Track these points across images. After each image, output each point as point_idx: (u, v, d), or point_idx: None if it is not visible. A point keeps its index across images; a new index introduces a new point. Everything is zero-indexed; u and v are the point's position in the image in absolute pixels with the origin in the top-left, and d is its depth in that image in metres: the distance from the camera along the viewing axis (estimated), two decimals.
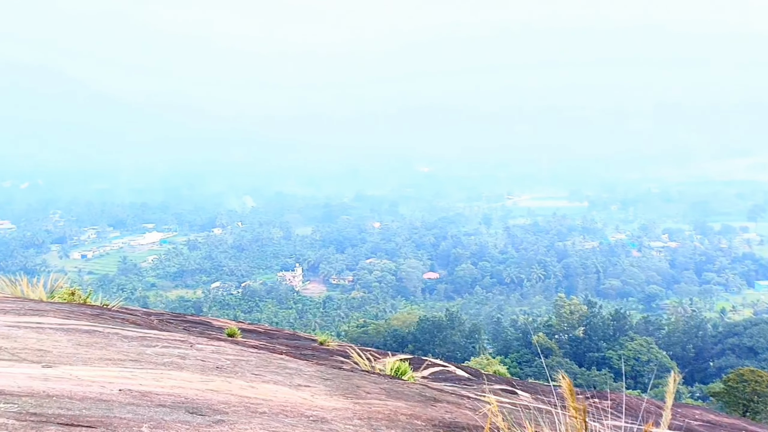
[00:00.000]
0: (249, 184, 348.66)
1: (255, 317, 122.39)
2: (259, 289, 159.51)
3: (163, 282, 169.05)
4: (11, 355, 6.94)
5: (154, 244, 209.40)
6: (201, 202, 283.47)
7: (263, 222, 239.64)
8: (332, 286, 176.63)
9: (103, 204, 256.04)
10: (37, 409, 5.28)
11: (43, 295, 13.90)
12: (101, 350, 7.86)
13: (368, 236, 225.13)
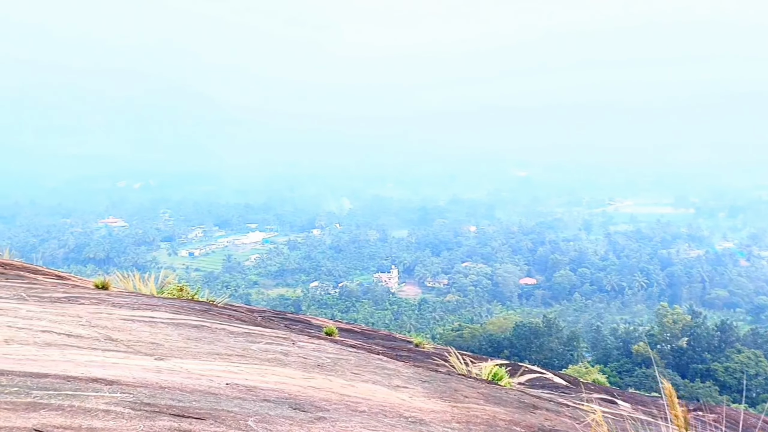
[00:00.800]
0: (347, 187, 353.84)
1: (351, 317, 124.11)
2: (356, 289, 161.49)
3: (264, 280, 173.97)
4: (126, 347, 7.34)
5: (256, 244, 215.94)
6: (301, 204, 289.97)
7: (360, 224, 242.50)
8: (427, 289, 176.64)
9: (209, 204, 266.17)
10: (151, 399, 5.57)
11: (153, 291, 14.59)
12: (209, 345, 8.18)
13: (464, 240, 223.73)
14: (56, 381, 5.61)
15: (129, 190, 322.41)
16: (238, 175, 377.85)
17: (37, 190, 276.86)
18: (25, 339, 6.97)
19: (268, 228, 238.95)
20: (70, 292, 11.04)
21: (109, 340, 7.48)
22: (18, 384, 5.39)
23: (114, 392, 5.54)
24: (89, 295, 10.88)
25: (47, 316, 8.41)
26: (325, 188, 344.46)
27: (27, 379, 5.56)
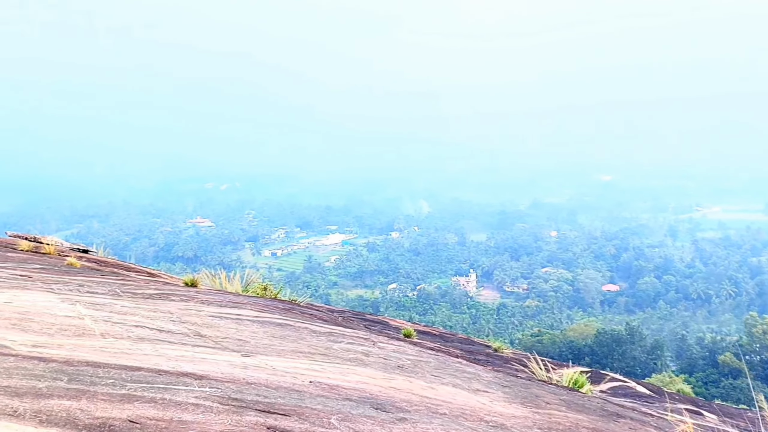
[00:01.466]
0: (426, 190, 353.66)
1: (429, 320, 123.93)
2: (434, 292, 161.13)
3: (344, 281, 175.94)
4: (215, 343, 7.56)
5: (336, 245, 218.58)
6: (380, 207, 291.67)
7: (439, 227, 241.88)
8: (506, 294, 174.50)
9: (292, 206, 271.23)
10: (238, 395, 5.73)
11: (239, 289, 14.99)
12: (293, 343, 8.35)
13: (544, 245, 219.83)
14: (149, 374, 5.84)
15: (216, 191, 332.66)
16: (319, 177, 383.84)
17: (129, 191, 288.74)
18: (119, 333, 7.29)
19: (347, 230, 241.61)
20: (161, 289, 11.47)
21: (198, 336, 7.73)
22: (114, 376, 5.64)
23: (203, 387, 5.73)
24: (179, 293, 11.27)
25: (140, 311, 8.77)
26: (404, 191, 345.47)
27: (122, 371, 5.81)
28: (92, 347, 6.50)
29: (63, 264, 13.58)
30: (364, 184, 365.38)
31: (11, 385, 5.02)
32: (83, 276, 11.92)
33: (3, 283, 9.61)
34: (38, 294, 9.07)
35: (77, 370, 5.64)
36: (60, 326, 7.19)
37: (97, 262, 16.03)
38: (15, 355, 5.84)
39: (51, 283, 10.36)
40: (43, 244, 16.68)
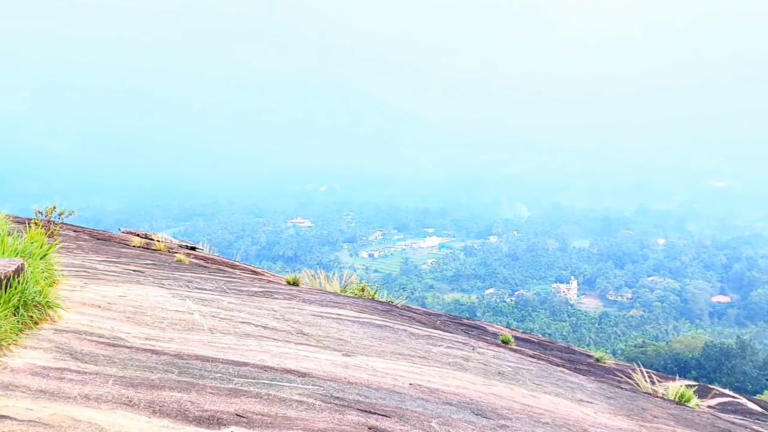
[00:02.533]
0: (525, 194, 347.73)
1: (527, 326, 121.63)
2: (532, 298, 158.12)
3: (440, 284, 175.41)
4: (317, 342, 7.68)
5: (433, 248, 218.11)
6: (478, 210, 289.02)
7: (539, 232, 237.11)
8: (609, 302, 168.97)
9: (389, 208, 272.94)
10: (340, 393, 5.78)
11: (337, 289, 15.19)
12: (392, 345, 8.36)
13: (650, 253, 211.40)
14: (254, 370, 5.99)
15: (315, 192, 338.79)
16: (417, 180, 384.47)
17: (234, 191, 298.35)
18: (226, 329, 7.51)
19: (445, 233, 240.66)
20: (265, 287, 11.77)
21: (301, 334, 7.88)
22: (221, 371, 5.81)
23: (306, 384, 5.82)
24: (282, 291, 11.53)
25: (246, 308, 9.01)
26: (503, 195, 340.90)
27: (229, 366, 5.98)
28: (201, 342, 6.73)
29: (172, 260, 14.15)
30: (462, 187, 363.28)
31: (126, 376, 5.25)
32: (192, 273, 12.38)
33: (117, 277, 10.11)
34: (150, 289, 9.48)
35: (187, 364, 5.85)
36: (171, 320, 7.48)
37: (203, 259, 16.62)
38: (130, 347, 6.12)
39: (162, 278, 10.81)
40: (153, 241, 17.42)
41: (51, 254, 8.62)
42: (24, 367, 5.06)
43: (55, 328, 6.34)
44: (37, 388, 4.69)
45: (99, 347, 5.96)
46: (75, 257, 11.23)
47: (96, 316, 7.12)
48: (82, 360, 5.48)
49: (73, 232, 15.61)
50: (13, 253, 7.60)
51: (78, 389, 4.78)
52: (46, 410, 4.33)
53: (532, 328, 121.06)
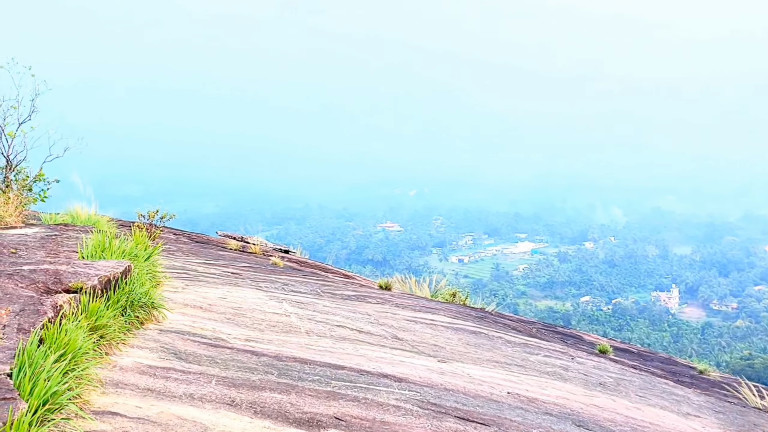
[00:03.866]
0: (622, 198, 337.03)
1: (625, 336, 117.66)
2: (630, 307, 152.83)
3: (532, 291, 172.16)
4: (411, 347, 7.62)
5: (525, 254, 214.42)
6: (573, 215, 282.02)
7: (637, 238, 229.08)
8: (712, 312, 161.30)
9: (479, 212, 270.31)
10: (436, 400, 5.70)
11: (428, 294, 15.10)
12: (488, 352, 8.21)
13: (758, 260, 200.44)
14: (351, 374, 5.99)
15: (405, 196, 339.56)
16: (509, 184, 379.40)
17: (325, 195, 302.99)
18: (322, 332, 7.57)
19: (537, 238, 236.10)
20: (358, 291, 11.83)
21: (395, 339, 7.84)
22: (319, 373, 5.85)
23: (403, 389, 5.77)
24: (375, 295, 11.56)
25: (340, 311, 9.07)
26: (599, 199, 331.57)
27: (326, 369, 6.01)
28: (298, 344, 6.80)
29: (268, 263, 14.45)
30: (555, 191, 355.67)
31: (228, 376, 5.36)
32: (287, 275, 12.60)
33: (217, 279, 10.38)
34: (248, 291, 9.69)
35: (286, 365, 5.92)
36: (269, 322, 7.61)
37: (297, 262, 16.90)
38: (231, 348, 6.25)
39: (259, 281, 11.04)
40: (249, 244, 17.85)
41: (154, 256, 8.95)
42: (132, 366, 5.24)
43: (160, 328, 6.55)
44: (145, 386, 4.84)
45: (201, 347, 6.11)
46: (176, 259, 11.63)
47: (198, 317, 7.32)
48: (185, 360, 5.63)
49: (173, 235, 16.18)
50: (120, 256, 7.92)
51: (183, 388, 4.90)
52: (153, 408, 4.45)
53: (631, 337, 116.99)
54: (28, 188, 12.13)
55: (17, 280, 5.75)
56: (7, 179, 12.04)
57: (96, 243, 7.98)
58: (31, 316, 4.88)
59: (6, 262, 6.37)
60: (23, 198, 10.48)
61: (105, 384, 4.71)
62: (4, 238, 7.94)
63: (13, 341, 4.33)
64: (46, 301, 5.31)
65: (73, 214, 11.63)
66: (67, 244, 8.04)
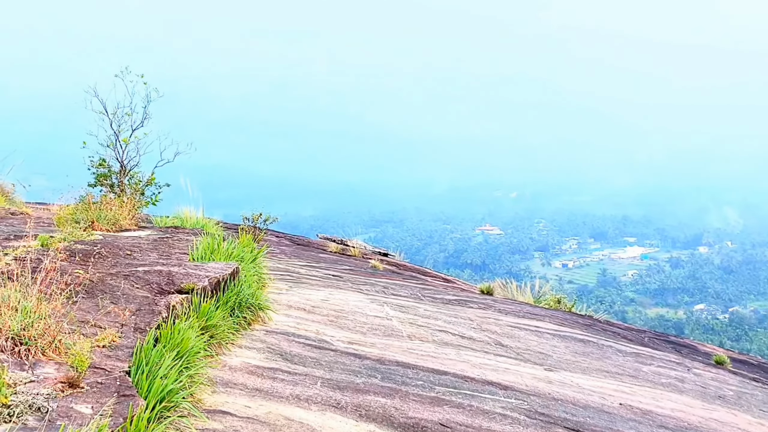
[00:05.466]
0: (741, 201, 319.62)
1: (743, 347, 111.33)
2: (749, 316, 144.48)
3: (642, 298, 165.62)
4: (516, 354, 7.45)
5: (634, 259, 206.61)
6: (685, 218, 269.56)
7: (757, 243, 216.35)
8: None
9: (584, 215, 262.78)
10: (544, 409, 5.53)
11: (530, 299, 14.75)
12: (597, 361, 7.92)
13: None
14: (455, 380, 5.90)
15: (505, 199, 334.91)
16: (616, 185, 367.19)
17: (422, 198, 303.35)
18: (424, 336, 7.52)
19: (647, 242, 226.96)
20: (459, 296, 11.71)
21: (499, 346, 7.69)
22: (422, 378, 5.79)
23: (509, 397, 5.63)
24: (476, 300, 11.40)
25: (441, 316, 8.99)
26: (714, 201, 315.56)
27: (429, 374, 5.95)
28: (401, 348, 6.77)
29: (368, 266, 14.53)
30: (666, 193, 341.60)
31: (333, 378, 5.39)
32: (387, 279, 12.64)
33: (319, 281, 10.53)
34: (350, 294, 9.77)
35: (389, 369, 5.90)
36: (371, 325, 7.63)
37: (396, 265, 16.92)
38: (334, 350, 6.30)
39: (359, 283, 11.13)
40: (349, 247, 18.02)
41: (259, 259, 9.17)
42: (240, 366, 5.36)
43: (266, 329, 6.68)
44: (253, 386, 4.93)
45: (306, 349, 6.19)
46: (279, 261, 11.88)
47: (301, 319, 7.43)
48: (291, 361, 5.71)
49: (275, 237, 16.55)
50: (227, 258, 8.16)
51: (290, 389, 4.97)
52: (262, 408, 4.53)
53: (750, 348, 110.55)
54: (141, 192, 12.71)
55: (133, 281, 6.01)
56: (121, 184, 12.68)
57: (205, 245, 8.26)
58: (147, 316, 5.08)
59: (122, 264, 6.67)
60: (136, 201, 10.94)
61: (215, 383, 4.84)
62: (119, 240, 8.33)
63: (131, 340, 4.51)
64: (159, 301, 5.52)
65: (182, 217, 12.07)
66: (178, 246, 8.34)
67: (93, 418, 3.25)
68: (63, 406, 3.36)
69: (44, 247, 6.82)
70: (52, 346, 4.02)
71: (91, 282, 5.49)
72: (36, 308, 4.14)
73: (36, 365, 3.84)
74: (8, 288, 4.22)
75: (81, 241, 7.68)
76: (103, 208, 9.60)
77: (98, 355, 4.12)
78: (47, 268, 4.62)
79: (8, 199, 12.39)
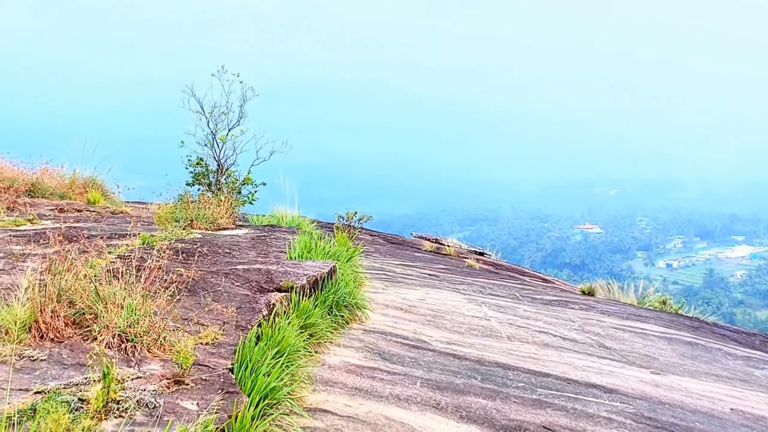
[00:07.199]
0: None
1: None
2: None
3: (751, 300, 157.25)
4: (621, 357, 7.18)
5: (743, 258, 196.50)
6: None
7: None
8: None
9: (690, 213, 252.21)
10: (651, 413, 5.30)
11: (633, 301, 14.21)
12: (706, 365, 7.54)
13: None
14: (557, 382, 5.74)
15: (604, 196, 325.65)
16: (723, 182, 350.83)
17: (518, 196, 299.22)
18: (524, 337, 7.36)
19: (756, 241, 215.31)
20: (559, 296, 11.42)
21: (603, 348, 7.43)
22: (523, 380, 5.66)
23: (613, 401, 5.43)
24: (577, 300, 11.09)
25: (541, 317, 8.79)
26: None
27: (530, 376, 5.81)
28: (500, 349, 6.65)
29: (464, 265, 14.40)
30: None
31: (432, 379, 5.34)
32: (483, 278, 12.47)
33: (414, 281, 10.50)
34: (446, 293, 9.70)
35: (489, 370, 5.80)
36: (469, 326, 7.53)
37: (492, 264, 16.69)
38: (433, 351, 6.25)
39: (456, 283, 11.03)
40: (444, 246, 17.90)
41: (355, 257, 9.23)
42: (339, 365, 5.40)
43: (364, 328, 6.71)
44: (352, 385, 4.95)
45: (404, 349, 6.17)
46: (374, 260, 11.93)
47: (398, 318, 7.42)
48: (390, 360, 5.71)
49: (369, 236, 16.65)
50: (324, 256, 8.26)
51: (389, 389, 4.96)
52: (362, 407, 4.54)
53: None
54: (238, 191, 13.00)
55: (233, 279, 6.16)
56: (218, 182, 13.03)
57: (302, 244, 8.39)
58: (247, 314, 5.19)
59: (221, 262, 6.86)
60: (233, 200, 11.15)
61: (315, 381, 4.89)
62: (218, 239, 8.57)
63: (233, 338, 4.62)
64: (260, 299, 5.63)
65: (278, 215, 12.27)
66: (275, 245, 8.50)
67: (199, 415, 3.33)
68: (169, 402, 3.46)
69: (146, 245, 7.09)
70: (157, 343, 4.16)
71: (193, 280, 5.66)
72: (141, 306, 4.30)
73: (142, 362, 3.98)
74: (114, 286, 4.39)
75: (181, 239, 7.96)
76: (201, 207, 9.87)
77: (202, 353, 4.23)
78: (151, 267, 4.78)
79: (108, 199, 12.98)
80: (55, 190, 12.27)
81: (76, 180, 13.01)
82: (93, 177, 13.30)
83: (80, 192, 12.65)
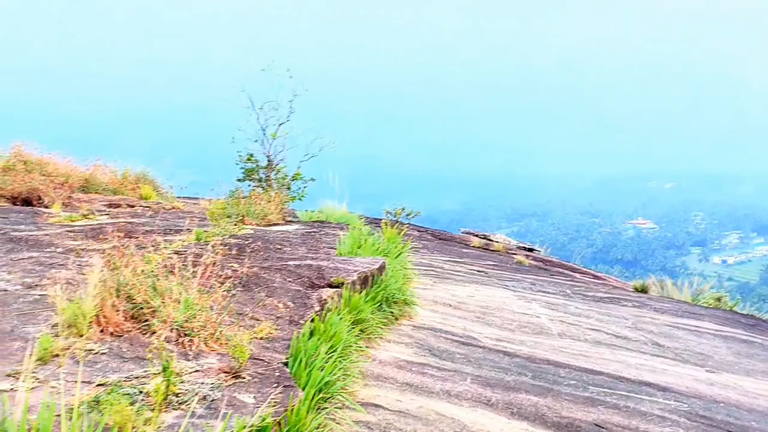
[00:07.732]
0: None
1: None
2: None
3: None
4: (675, 355, 7.08)
5: None
6: None
7: None
8: None
9: (746, 208, 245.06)
10: (706, 412, 5.23)
11: (687, 298, 13.92)
12: (763, 363, 7.38)
13: None
14: (609, 380, 5.70)
15: (659, 190, 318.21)
16: None
17: (568, 190, 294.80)
18: (575, 335, 7.31)
19: None
20: (611, 293, 11.28)
21: (656, 345, 7.33)
22: (575, 378, 5.63)
23: (667, 399, 5.36)
24: (630, 298, 10.93)
25: (593, 314, 8.70)
26: None
27: (582, 374, 5.77)
28: (551, 346, 6.62)
29: (512, 262, 14.31)
30: None
31: (482, 375, 5.36)
32: (533, 275, 12.39)
33: (463, 277, 10.50)
34: (495, 290, 9.67)
35: (539, 368, 5.79)
36: (519, 323, 7.51)
37: (542, 261, 16.54)
38: (483, 347, 6.26)
39: (505, 279, 10.98)
40: (492, 242, 17.77)
41: (404, 253, 9.27)
42: (390, 360, 5.46)
43: (413, 325, 6.76)
44: (403, 380, 5.00)
45: (454, 345, 6.19)
46: (422, 256, 11.96)
47: (447, 315, 7.45)
48: (440, 357, 5.74)
49: (417, 232, 16.64)
50: (373, 252, 8.32)
51: (439, 385, 5.00)
52: (413, 403, 4.59)
53: None
54: (287, 186, 13.10)
55: (285, 274, 6.27)
56: (268, 179, 13.15)
57: (352, 240, 8.46)
58: (300, 309, 5.28)
59: (273, 258, 6.97)
60: (283, 196, 11.24)
61: (366, 376, 4.95)
62: (269, 234, 8.71)
63: (287, 332, 4.71)
64: (311, 294, 5.73)
65: (326, 211, 12.35)
66: (325, 241, 8.59)
67: (256, 408, 3.42)
68: (227, 396, 3.56)
69: (199, 240, 7.25)
70: (213, 338, 4.26)
71: (246, 275, 5.78)
72: (197, 300, 4.41)
73: (199, 355, 4.10)
74: (170, 281, 4.52)
75: (234, 235, 8.11)
76: (252, 203, 10.03)
77: (257, 347, 4.33)
78: (206, 262, 4.89)
79: (160, 194, 13.26)
80: (107, 185, 12.58)
81: (128, 175, 13.31)
82: (144, 172, 13.58)
83: (132, 187, 12.93)
